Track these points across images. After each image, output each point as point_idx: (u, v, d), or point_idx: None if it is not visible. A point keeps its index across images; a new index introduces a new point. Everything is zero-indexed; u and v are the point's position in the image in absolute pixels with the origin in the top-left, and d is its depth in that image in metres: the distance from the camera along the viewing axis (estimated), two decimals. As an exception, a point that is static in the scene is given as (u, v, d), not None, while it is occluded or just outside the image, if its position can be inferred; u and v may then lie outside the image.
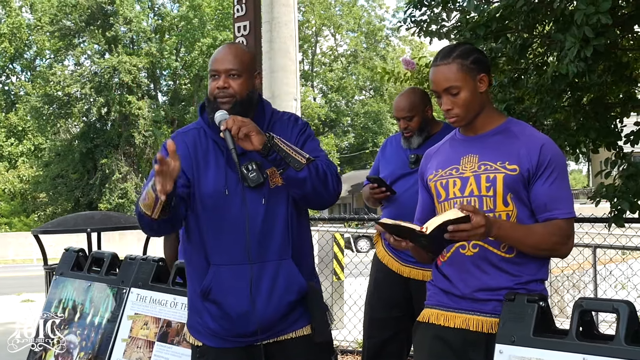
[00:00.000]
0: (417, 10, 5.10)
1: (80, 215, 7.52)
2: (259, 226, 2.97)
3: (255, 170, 2.95)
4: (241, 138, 2.78)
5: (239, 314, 2.97)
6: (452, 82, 2.79)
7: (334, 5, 51.57)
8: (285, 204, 3.01)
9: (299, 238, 3.08)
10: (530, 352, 2.50)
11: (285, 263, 2.99)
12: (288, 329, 3.04)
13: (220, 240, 2.99)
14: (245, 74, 3.01)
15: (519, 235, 2.69)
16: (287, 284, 2.98)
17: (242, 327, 2.98)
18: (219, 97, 2.98)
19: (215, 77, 3.01)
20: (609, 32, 3.68)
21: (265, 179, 2.97)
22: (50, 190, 40.95)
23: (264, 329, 2.99)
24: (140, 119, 39.10)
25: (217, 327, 3.04)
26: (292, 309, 3.02)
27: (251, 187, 2.96)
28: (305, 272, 3.07)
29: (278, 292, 2.97)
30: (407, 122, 4.38)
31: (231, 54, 3.03)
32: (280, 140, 2.84)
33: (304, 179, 2.84)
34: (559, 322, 3.26)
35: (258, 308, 2.95)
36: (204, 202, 3.02)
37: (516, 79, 5.12)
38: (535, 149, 2.76)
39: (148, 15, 44.14)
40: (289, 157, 2.82)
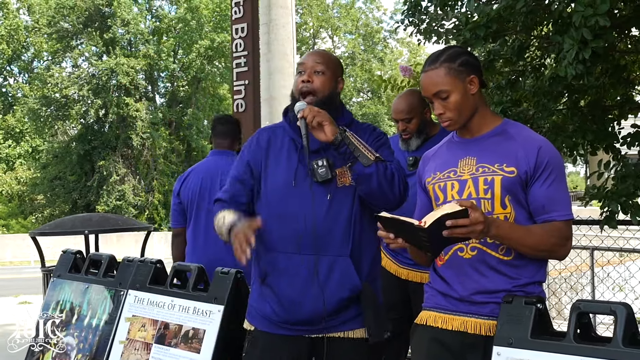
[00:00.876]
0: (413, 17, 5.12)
1: (78, 217, 7.53)
2: (321, 220, 3.05)
3: (325, 166, 3.06)
4: (314, 126, 2.95)
5: (289, 301, 3.06)
6: (440, 87, 2.80)
7: (331, 7, 51.58)
8: (351, 203, 3.10)
9: (361, 239, 3.12)
10: (528, 354, 2.50)
11: (342, 260, 3.05)
12: (339, 327, 3.09)
13: (282, 229, 3.10)
14: (329, 72, 3.18)
15: (517, 235, 2.69)
16: (341, 280, 3.04)
17: (292, 315, 3.06)
18: (302, 92, 3.14)
19: (302, 73, 3.18)
20: (607, 34, 3.68)
21: (334, 176, 3.08)
22: (48, 192, 40.90)
23: (314, 322, 3.06)
24: (138, 120, 39.06)
25: (270, 312, 3.13)
26: (345, 307, 3.07)
27: (319, 182, 3.06)
28: (363, 273, 3.11)
29: (331, 287, 3.03)
30: (406, 124, 4.38)
31: (319, 54, 3.24)
32: (352, 135, 2.96)
33: (370, 175, 2.93)
34: (557, 324, 3.27)
35: (309, 299, 3.03)
36: (272, 193, 3.16)
37: (513, 81, 5.13)
38: (533, 151, 2.75)
39: (146, 17, 44.11)
40: (359, 151, 2.93)
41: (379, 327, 3.09)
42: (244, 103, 7.38)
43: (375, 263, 3.25)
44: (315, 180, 3.06)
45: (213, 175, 4.89)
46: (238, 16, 7.42)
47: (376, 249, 3.26)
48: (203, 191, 4.88)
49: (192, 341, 3.58)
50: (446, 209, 2.48)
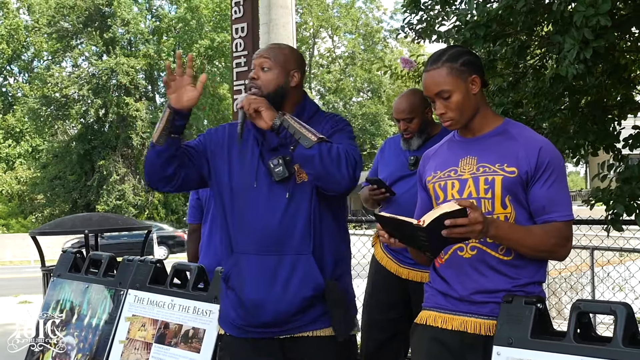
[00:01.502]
0: (414, 15, 5.11)
1: (78, 217, 7.53)
2: (280, 219, 3.01)
3: (281, 164, 3.01)
4: (252, 114, 2.92)
5: (252, 303, 3.00)
6: (442, 86, 2.79)
7: (331, 7, 51.60)
8: (309, 199, 3.04)
9: (323, 235, 3.07)
10: (528, 354, 2.50)
11: (304, 258, 3.00)
12: (306, 327, 3.04)
13: (243, 230, 3.06)
14: (277, 68, 3.12)
15: (516, 236, 2.68)
16: (303, 279, 2.98)
17: (255, 317, 3.01)
18: (248, 88, 3.11)
19: (252, 70, 3.15)
20: (608, 34, 3.68)
21: (292, 173, 3.03)
22: (48, 191, 40.93)
23: (279, 323, 3.01)
24: (138, 120, 39.09)
25: (234, 316, 3.09)
26: (309, 306, 3.02)
27: (276, 181, 3.02)
28: (327, 270, 3.06)
29: (293, 286, 2.98)
30: (407, 123, 4.38)
31: (268, 49, 3.19)
32: (291, 118, 2.92)
33: (312, 156, 2.85)
34: (557, 324, 3.27)
35: (272, 300, 2.98)
36: (232, 191, 3.11)
37: (514, 83, 5.13)
38: (534, 151, 2.75)
39: (146, 16, 44.13)
40: (299, 133, 2.88)
41: (346, 325, 3.06)
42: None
43: (341, 259, 3.19)
44: (273, 179, 3.02)
45: None
46: (238, 16, 7.41)
47: (341, 245, 3.20)
48: None
49: (192, 341, 3.58)
50: (445, 208, 2.48)
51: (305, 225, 3.02)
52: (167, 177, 3.15)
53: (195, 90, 3.06)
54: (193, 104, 3.07)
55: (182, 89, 3.04)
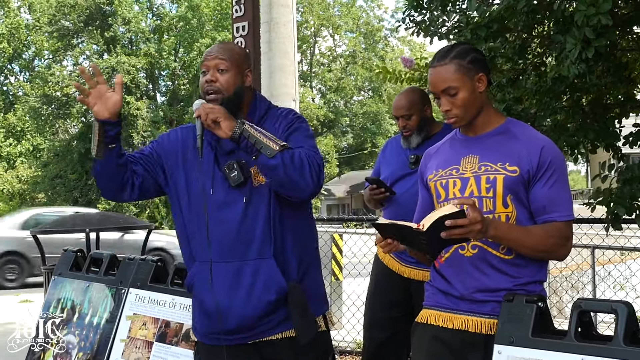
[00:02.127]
0: (416, 13, 5.10)
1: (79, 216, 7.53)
2: (239, 225, 2.97)
3: (236, 169, 2.97)
4: (210, 125, 2.84)
5: (216, 310, 2.97)
6: (449, 83, 2.78)
7: (332, 5, 51.60)
8: (267, 202, 2.99)
9: (284, 237, 3.03)
10: (529, 352, 2.50)
11: (265, 262, 2.96)
12: (274, 330, 3.01)
13: (202, 237, 3.02)
14: (233, 68, 3.05)
15: (516, 236, 2.68)
16: (265, 283, 2.95)
17: (219, 325, 2.98)
18: (207, 92, 3.03)
19: (205, 73, 3.07)
20: (610, 33, 3.67)
21: (248, 177, 2.98)
22: (49, 190, 40.93)
23: (245, 329, 2.99)
24: (139, 119, 39.10)
25: (199, 324, 3.09)
26: (274, 310, 2.99)
27: (232, 187, 2.98)
28: (291, 273, 3.03)
29: (256, 291, 2.95)
30: (406, 120, 4.38)
31: (221, 50, 3.10)
32: (251, 127, 2.84)
33: (275, 166, 2.80)
34: (558, 322, 3.26)
35: (236, 306, 2.95)
36: (189, 199, 3.07)
37: (515, 79, 5.12)
38: (536, 151, 2.75)
39: (147, 15, 44.15)
40: (260, 143, 2.81)
41: (307, 327, 3.03)
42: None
43: (306, 257, 3.14)
44: (230, 185, 2.98)
45: None
46: (239, 14, 7.41)
47: (306, 243, 3.16)
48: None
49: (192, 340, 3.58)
50: (444, 211, 2.48)
51: (264, 228, 2.98)
52: (119, 187, 3.12)
53: (116, 93, 2.93)
54: (119, 107, 2.94)
55: (102, 97, 2.90)
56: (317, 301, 3.14)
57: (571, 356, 2.40)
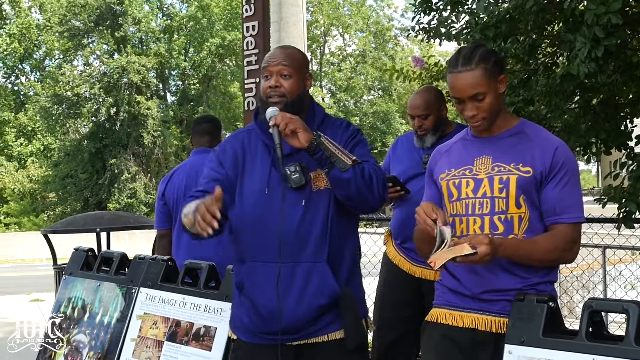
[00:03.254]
0: (425, 15, 5.10)
1: (90, 215, 7.56)
2: (295, 227, 2.98)
3: (298, 171, 2.98)
4: (288, 134, 2.85)
5: (267, 311, 2.99)
6: (478, 89, 2.75)
7: (342, 5, 51.54)
8: (326, 207, 3.01)
9: (338, 243, 3.05)
10: (540, 352, 2.50)
11: (319, 266, 2.98)
12: (320, 332, 3.03)
13: (257, 238, 3.03)
14: (296, 74, 3.08)
15: (524, 252, 2.70)
16: (318, 287, 2.97)
17: (270, 325, 3.00)
18: (270, 97, 3.05)
19: (268, 78, 3.08)
20: (620, 32, 3.66)
21: (308, 181, 3.00)
22: (60, 190, 41.04)
23: (293, 330, 3.00)
24: (149, 119, 39.13)
25: (248, 322, 3.08)
26: (323, 313, 3.01)
27: (292, 188, 2.99)
28: (342, 277, 3.05)
29: (309, 294, 2.97)
30: (422, 120, 4.37)
31: (283, 55, 3.12)
32: (327, 140, 2.88)
33: (348, 180, 2.85)
34: (569, 322, 3.26)
35: (287, 308, 2.97)
36: (245, 199, 3.08)
37: (525, 80, 5.11)
38: (549, 152, 2.75)
39: (157, 15, 44.20)
40: (335, 156, 2.85)
41: (357, 332, 3.05)
42: (255, 101, 7.38)
43: (354, 264, 3.18)
44: (290, 186, 2.99)
45: (197, 173, 4.88)
46: (249, 14, 7.42)
47: (355, 250, 3.19)
48: (188, 190, 4.87)
49: (203, 339, 3.58)
50: (458, 252, 2.51)
51: (321, 233, 3.00)
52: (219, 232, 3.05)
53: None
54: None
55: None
56: (362, 306, 3.18)
57: (582, 356, 2.40)
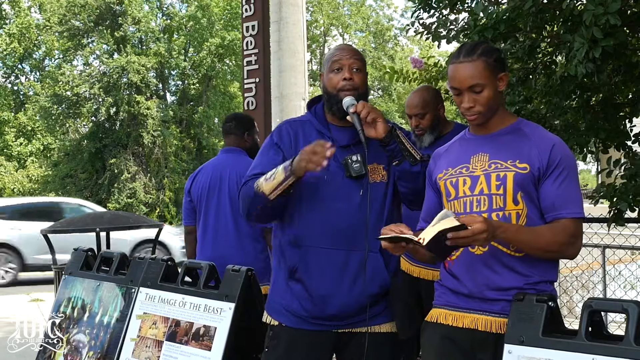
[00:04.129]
0: (425, 13, 5.10)
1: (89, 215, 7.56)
2: (352, 215, 3.07)
3: (359, 162, 3.08)
4: (369, 122, 2.99)
5: (320, 295, 3.07)
6: (477, 80, 2.78)
7: (342, 5, 51.50)
8: (382, 199, 3.14)
9: None
10: (539, 352, 2.50)
11: (372, 256, 3.07)
12: (367, 322, 3.10)
13: (314, 224, 3.10)
14: (364, 69, 3.23)
15: (525, 238, 2.68)
16: (371, 275, 3.06)
17: (322, 310, 3.08)
18: (343, 89, 3.15)
19: (339, 70, 3.18)
20: (618, 32, 3.67)
21: (367, 172, 3.10)
22: (59, 190, 40.97)
23: (343, 316, 3.08)
24: (149, 118, 39.08)
25: (297, 306, 3.14)
26: (373, 303, 3.09)
27: (352, 177, 3.08)
28: (391, 268, 3.15)
29: (361, 282, 3.05)
30: (419, 119, 4.38)
31: (354, 51, 3.26)
32: (401, 134, 3.05)
33: (417, 174, 3.02)
34: (568, 322, 3.26)
35: (340, 294, 3.05)
36: (303, 187, 3.12)
37: (524, 79, 5.11)
38: (547, 149, 2.76)
39: (157, 15, 44.14)
40: (407, 150, 3.03)
41: (410, 323, 3.14)
42: (254, 101, 7.40)
43: (399, 258, 3.28)
44: (349, 175, 3.08)
45: (221, 172, 4.93)
46: (249, 14, 7.43)
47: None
48: (212, 188, 4.92)
49: (203, 339, 3.58)
50: (444, 225, 2.49)
51: (376, 223, 3.08)
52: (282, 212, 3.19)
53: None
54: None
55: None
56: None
57: (582, 356, 2.40)
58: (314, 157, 2.85)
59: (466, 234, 2.48)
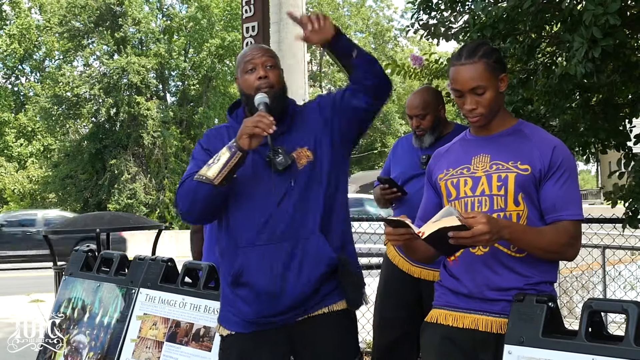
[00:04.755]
0: (424, 14, 5.10)
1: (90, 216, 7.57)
2: (287, 205, 3.05)
3: (281, 154, 3.05)
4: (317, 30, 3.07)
5: (269, 293, 3.03)
6: (479, 82, 2.78)
7: (342, 6, 51.56)
8: (314, 182, 3.10)
9: (329, 213, 3.13)
10: (539, 352, 2.50)
11: (313, 238, 3.05)
12: (320, 304, 3.09)
13: (250, 223, 3.08)
14: (278, 65, 3.24)
15: (530, 238, 2.69)
16: (315, 258, 3.03)
17: (272, 307, 3.04)
18: (260, 87, 3.13)
19: (253, 70, 3.18)
20: (618, 32, 3.67)
21: (293, 161, 3.08)
22: (60, 190, 41.01)
23: (296, 305, 3.05)
24: (149, 119, 39.10)
25: (249, 311, 3.09)
26: (323, 282, 3.06)
27: (280, 171, 3.06)
28: (336, 243, 3.12)
29: (307, 268, 3.03)
30: (420, 120, 4.37)
31: (265, 49, 3.28)
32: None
33: (375, 60, 3.10)
34: (568, 322, 3.26)
35: (289, 284, 3.01)
36: (235, 187, 3.09)
37: (525, 80, 5.11)
38: (548, 151, 2.76)
39: (157, 16, 44.17)
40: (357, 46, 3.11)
41: (358, 294, 3.11)
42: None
43: (346, 232, 3.24)
44: (276, 170, 3.05)
45: None
46: (249, 15, 7.44)
47: (344, 219, 3.24)
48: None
49: (203, 339, 3.59)
50: (445, 223, 2.49)
51: (312, 207, 3.08)
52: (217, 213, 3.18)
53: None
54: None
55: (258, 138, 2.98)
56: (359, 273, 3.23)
57: (582, 356, 2.40)
58: (260, 123, 2.87)
59: (467, 235, 2.48)
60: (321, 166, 3.13)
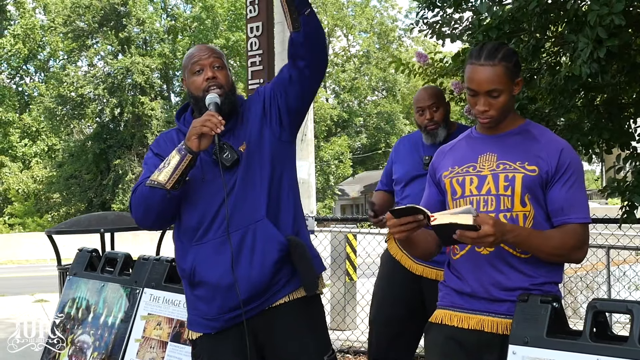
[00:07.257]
0: (429, 12, 5.09)
1: (94, 216, 7.56)
2: (234, 196, 3.05)
3: (227, 149, 3.06)
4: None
5: (225, 286, 3.02)
6: (496, 85, 2.76)
7: (346, 5, 51.51)
8: (258, 170, 3.09)
9: (277, 198, 3.12)
10: (544, 353, 2.50)
11: (260, 224, 3.04)
12: (279, 292, 3.08)
13: (201, 221, 3.08)
14: (226, 65, 3.24)
15: (535, 242, 2.68)
16: (265, 243, 3.02)
17: (232, 299, 3.02)
18: (210, 88, 3.12)
19: (200, 71, 3.17)
20: (623, 32, 3.66)
21: (240, 155, 3.07)
22: (64, 190, 41.04)
23: (254, 297, 3.03)
24: (153, 119, 39.12)
25: (209, 310, 3.10)
26: (279, 269, 3.05)
27: (228, 168, 3.06)
28: (286, 227, 3.11)
29: (259, 254, 3.02)
30: (433, 112, 4.32)
31: (211, 49, 3.27)
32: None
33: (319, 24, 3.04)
34: (573, 323, 3.26)
35: (243, 275, 3.00)
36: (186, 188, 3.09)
37: (529, 79, 5.11)
38: (555, 153, 2.76)
39: (161, 16, 44.19)
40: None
41: (312, 277, 3.09)
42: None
43: (297, 213, 3.23)
44: (223, 167, 3.04)
45: None
46: (253, 15, 7.43)
47: (293, 201, 3.22)
48: None
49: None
50: (459, 219, 2.50)
51: (258, 194, 3.07)
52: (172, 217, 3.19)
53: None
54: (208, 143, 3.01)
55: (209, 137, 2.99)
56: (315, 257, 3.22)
57: (586, 357, 2.40)
58: (208, 122, 2.88)
59: (472, 235, 2.48)
60: (262, 153, 3.12)
